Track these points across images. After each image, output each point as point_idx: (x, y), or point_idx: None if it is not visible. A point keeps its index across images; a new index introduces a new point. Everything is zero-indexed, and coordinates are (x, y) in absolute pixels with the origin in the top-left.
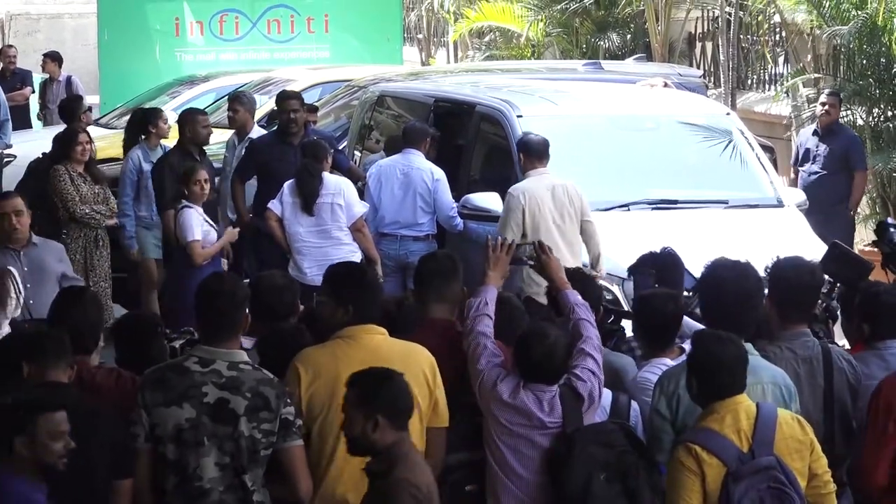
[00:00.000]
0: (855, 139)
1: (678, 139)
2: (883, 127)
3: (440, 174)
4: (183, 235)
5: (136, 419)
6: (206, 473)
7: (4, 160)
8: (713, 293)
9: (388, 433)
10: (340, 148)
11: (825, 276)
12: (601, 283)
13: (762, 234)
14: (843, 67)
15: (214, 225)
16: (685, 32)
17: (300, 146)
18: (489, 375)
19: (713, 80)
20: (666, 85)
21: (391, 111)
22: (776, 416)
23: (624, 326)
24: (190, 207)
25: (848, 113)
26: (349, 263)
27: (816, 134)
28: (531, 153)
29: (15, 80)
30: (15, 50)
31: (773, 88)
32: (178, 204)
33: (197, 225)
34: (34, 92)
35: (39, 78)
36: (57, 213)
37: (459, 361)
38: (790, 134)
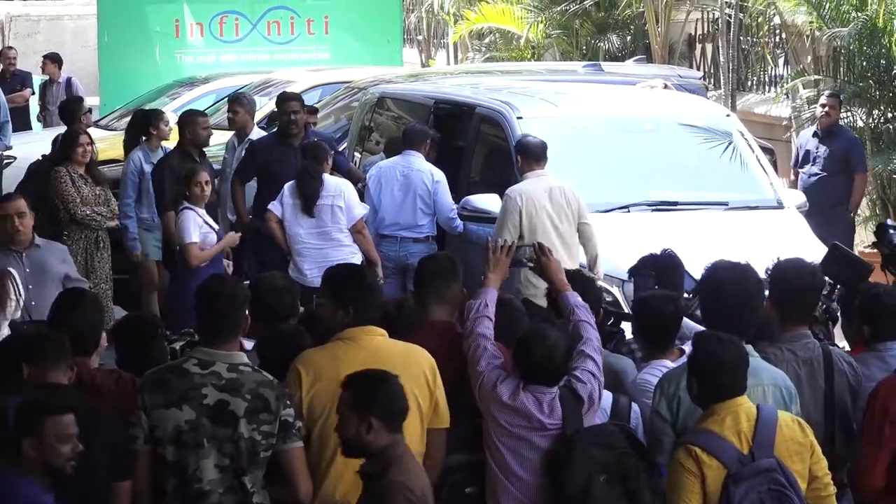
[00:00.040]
0: (855, 141)
1: (678, 141)
2: (883, 128)
3: (440, 176)
4: (180, 237)
5: (135, 421)
6: (205, 475)
7: (4, 162)
8: (713, 295)
9: (382, 435)
10: (340, 149)
11: (825, 277)
12: (600, 284)
13: (762, 235)
14: (843, 69)
15: (216, 226)
16: (685, 34)
17: (300, 148)
18: (489, 377)
19: (713, 81)
20: (666, 86)
21: (391, 113)
22: (776, 418)
23: (624, 328)
24: (190, 209)
25: (848, 114)
26: (348, 265)
27: (816, 135)
28: (529, 155)
29: (15, 81)
30: (15, 51)
31: (773, 90)
32: (178, 205)
33: (195, 227)
34: (34, 93)
35: (39, 79)
36: (58, 214)
37: (459, 363)
38: (790, 135)
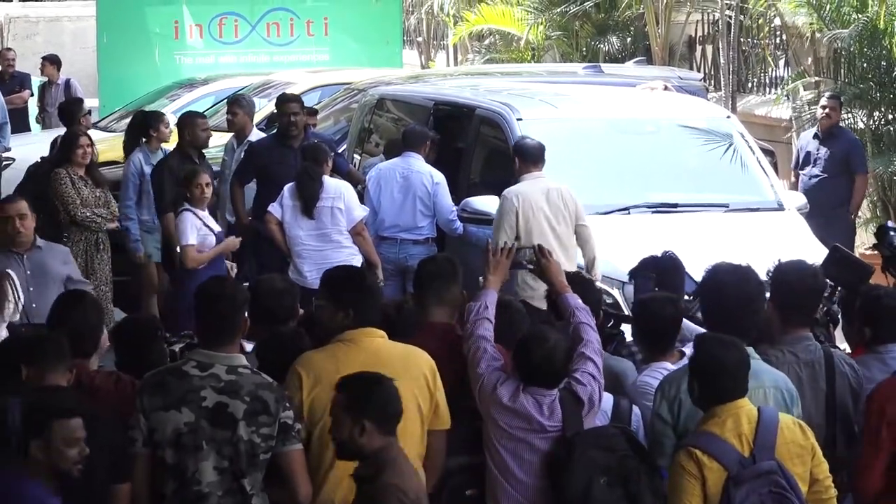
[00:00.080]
0: (855, 142)
1: (678, 142)
2: (883, 130)
3: (440, 177)
4: (178, 239)
5: (134, 423)
6: (204, 478)
7: (3, 163)
8: (714, 297)
9: (375, 438)
10: (340, 151)
11: (826, 279)
12: (600, 286)
13: (763, 237)
14: (843, 71)
15: (216, 228)
16: (685, 35)
17: (300, 149)
18: (489, 379)
19: (713, 83)
20: (666, 88)
21: (391, 114)
22: (777, 420)
23: (624, 330)
24: (189, 211)
25: (848, 116)
26: (348, 267)
27: (817, 137)
28: (526, 158)
29: (13, 83)
30: (14, 53)
31: (773, 92)
32: (178, 207)
33: (192, 229)
34: (33, 95)
35: (38, 81)
36: (58, 216)
37: (459, 365)
38: (790, 137)
